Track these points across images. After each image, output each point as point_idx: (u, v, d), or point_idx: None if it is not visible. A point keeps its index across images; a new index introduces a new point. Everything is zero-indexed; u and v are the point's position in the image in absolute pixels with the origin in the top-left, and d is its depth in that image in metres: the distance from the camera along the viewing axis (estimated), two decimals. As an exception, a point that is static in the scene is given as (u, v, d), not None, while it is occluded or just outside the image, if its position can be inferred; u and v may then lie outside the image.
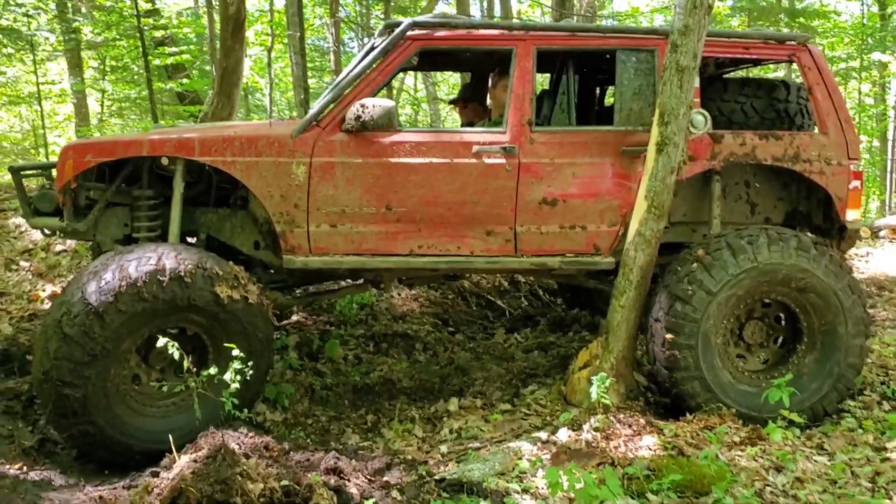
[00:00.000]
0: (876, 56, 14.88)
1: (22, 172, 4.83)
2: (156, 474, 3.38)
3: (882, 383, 5.01)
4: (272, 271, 4.95)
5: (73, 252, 6.53)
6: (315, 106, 4.63)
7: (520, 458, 3.89)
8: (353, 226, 4.50)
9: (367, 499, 3.39)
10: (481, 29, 4.75)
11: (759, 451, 4.02)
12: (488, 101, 5.53)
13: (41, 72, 15.20)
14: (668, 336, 4.39)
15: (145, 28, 11.58)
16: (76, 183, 4.46)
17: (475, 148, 4.52)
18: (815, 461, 4.02)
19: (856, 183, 4.84)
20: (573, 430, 4.10)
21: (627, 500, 3.44)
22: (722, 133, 4.77)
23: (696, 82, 4.70)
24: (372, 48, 5.03)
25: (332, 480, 3.45)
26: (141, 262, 3.97)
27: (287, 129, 4.53)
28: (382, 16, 13.66)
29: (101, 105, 17.94)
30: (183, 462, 3.25)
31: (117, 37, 13.92)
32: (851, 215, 4.88)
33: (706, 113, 4.65)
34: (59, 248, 6.59)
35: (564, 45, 4.73)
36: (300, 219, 4.47)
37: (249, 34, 13.39)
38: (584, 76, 5.97)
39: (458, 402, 4.85)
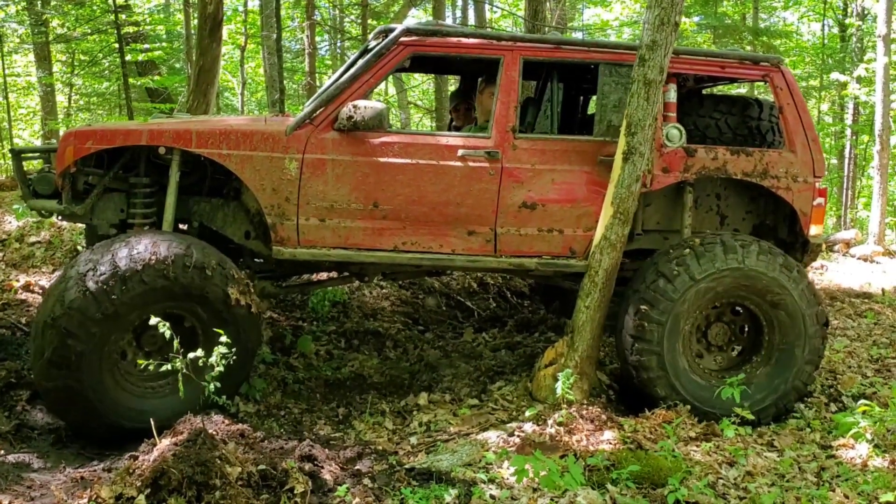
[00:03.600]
0: (835, 76, 15.34)
1: (22, 155, 4.98)
2: (135, 458, 3.48)
3: (830, 386, 5.26)
4: (261, 261, 5.12)
5: (48, 243, 6.57)
6: (310, 104, 4.78)
7: (487, 450, 4.04)
8: (341, 220, 4.69)
9: (340, 485, 3.52)
10: (471, 38, 4.94)
11: (713, 447, 4.24)
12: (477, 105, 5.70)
13: (6, 63, 15.05)
14: (643, 307, 4.61)
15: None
16: (76, 168, 4.63)
17: (460, 151, 4.73)
18: (766, 457, 4.25)
19: (820, 200, 5.06)
20: (538, 425, 4.27)
21: (588, 489, 3.61)
22: (696, 147, 4.96)
23: (674, 97, 4.96)
24: (366, 51, 5.20)
25: (307, 467, 3.59)
26: (172, 244, 4.23)
27: (282, 126, 4.69)
28: (358, 20, 13.78)
29: (69, 99, 17.79)
30: (164, 445, 3.36)
31: (88, 31, 13.84)
32: (815, 230, 5.10)
33: (681, 127, 4.88)
34: (33, 238, 6.61)
35: (550, 56, 4.91)
36: (290, 212, 4.64)
37: (223, 33, 13.40)
38: (570, 86, 6.17)
39: (428, 397, 5.00)
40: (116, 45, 11.82)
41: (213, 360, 3.53)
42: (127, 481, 3.18)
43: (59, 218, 4.93)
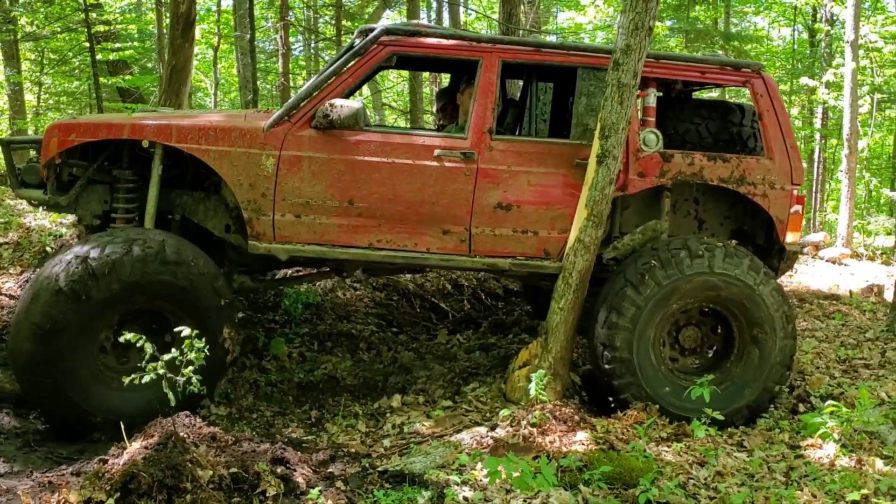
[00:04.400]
0: (804, 81, 15.57)
1: (11, 145, 5.08)
2: (104, 461, 3.44)
3: (798, 387, 5.33)
4: (239, 254, 5.13)
5: (16, 245, 6.47)
6: (288, 102, 4.83)
7: (460, 452, 4.04)
8: (317, 217, 4.73)
9: (312, 487, 3.50)
10: (450, 39, 4.94)
11: (684, 447, 4.27)
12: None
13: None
14: (612, 315, 4.66)
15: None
16: (60, 159, 4.70)
17: (436, 151, 4.76)
18: (735, 457, 4.29)
19: (797, 207, 5.07)
20: (511, 426, 4.28)
21: (561, 490, 3.63)
22: (672, 153, 4.98)
23: (653, 102, 4.99)
24: (350, 48, 5.20)
25: (279, 469, 3.56)
26: (145, 242, 4.37)
27: (260, 123, 4.74)
28: (332, 21, 13.73)
29: (38, 98, 17.54)
30: (134, 448, 3.33)
31: (58, 30, 13.66)
32: (791, 237, 5.12)
33: (658, 133, 4.91)
34: (0, 240, 6.52)
35: (529, 59, 4.96)
36: (266, 207, 4.69)
37: (196, 33, 13.30)
38: (561, 88, 6.16)
39: (401, 399, 5.00)
40: (87, 44, 11.67)
41: (191, 356, 3.52)
42: (96, 485, 3.14)
43: (45, 208, 5.04)
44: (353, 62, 4.76)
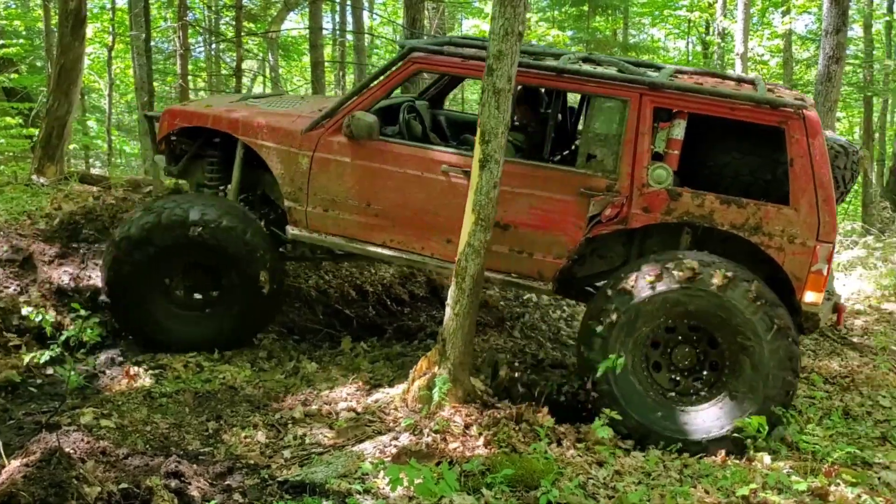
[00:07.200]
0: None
1: (154, 119, 6.17)
2: (-19, 483, 3.24)
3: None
4: None
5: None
6: (327, 108, 5.42)
7: (363, 461, 4.00)
8: (340, 213, 5.35)
9: (209, 500, 3.40)
10: (472, 59, 5.09)
11: (584, 448, 4.35)
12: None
13: None
14: (593, 325, 4.66)
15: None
16: (175, 136, 5.84)
17: (443, 167, 5.08)
18: (633, 456, 4.41)
19: (821, 266, 4.61)
20: (414, 434, 4.27)
21: (464, 495, 3.64)
22: (681, 191, 4.78)
23: (678, 135, 4.80)
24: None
25: (174, 483, 3.44)
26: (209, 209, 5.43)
27: (302, 125, 5.39)
28: (233, 22, 13.44)
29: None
30: (13, 467, 3.15)
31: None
32: (810, 297, 4.66)
33: (669, 169, 4.78)
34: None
35: (548, 84, 5.19)
36: (302, 200, 5.37)
37: (88, 31, 12.80)
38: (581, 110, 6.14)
39: (303, 409, 4.89)
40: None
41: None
42: (-29, 508, 2.95)
43: (167, 173, 6.29)
44: (382, 77, 5.32)
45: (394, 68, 5.25)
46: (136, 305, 5.47)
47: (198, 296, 5.58)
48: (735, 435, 4.49)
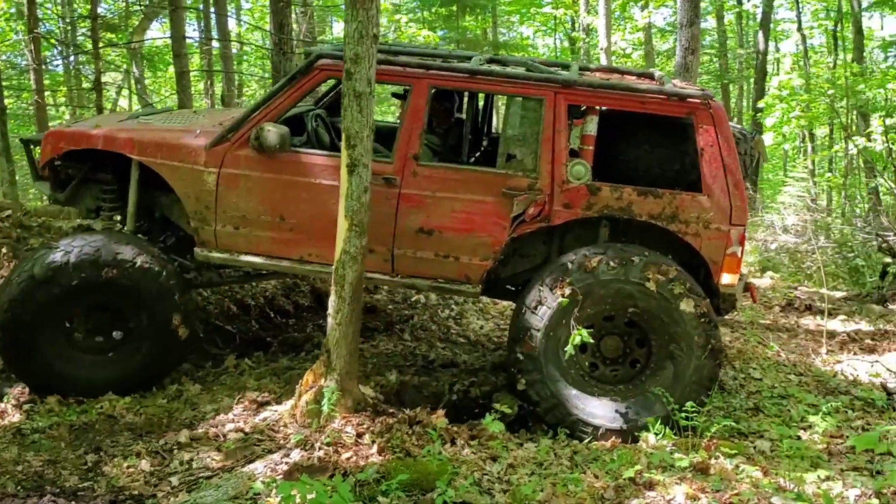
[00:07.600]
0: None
1: (31, 143, 5.95)
2: None
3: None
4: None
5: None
6: (230, 121, 5.20)
7: (254, 481, 3.89)
8: (252, 230, 5.14)
9: (89, 540, 3.22)
10: (382, 65, 4.77)
11: (478, 445, 4.38)
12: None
13: None
14: (544, 292, 4.70)
15: None
16: (59, 161, 5.41)
17: None
18: (526, 448, 4.48)
19: (735, 248, 4.82)
20: (305, 450, 4.18)
21: (359, 505, 3.60)
22: (600, 185, 4.88)
23: (591, 130, 4.93)
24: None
25: (49, 527, 3.24)
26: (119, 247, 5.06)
27: (205, 140, 5.12)
28: (89, 33, 12.83)
29: None
30: None
31: None
32: (727, 279, 4.87)
33: (587, 165, 4.88)
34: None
35: (461, 86, 5.17)
36: (210, 218, 5.12)
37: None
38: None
39: (189, 433, 4.72)
40: None
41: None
42: None
43: (51, 201, 5.84)
44: (288, 86, 5.05)
45: (301, 77, 5.07)
46: (33, 349, 5.04)
47: (99, 338, 5.22)
48: (635, 433, 4.69)
